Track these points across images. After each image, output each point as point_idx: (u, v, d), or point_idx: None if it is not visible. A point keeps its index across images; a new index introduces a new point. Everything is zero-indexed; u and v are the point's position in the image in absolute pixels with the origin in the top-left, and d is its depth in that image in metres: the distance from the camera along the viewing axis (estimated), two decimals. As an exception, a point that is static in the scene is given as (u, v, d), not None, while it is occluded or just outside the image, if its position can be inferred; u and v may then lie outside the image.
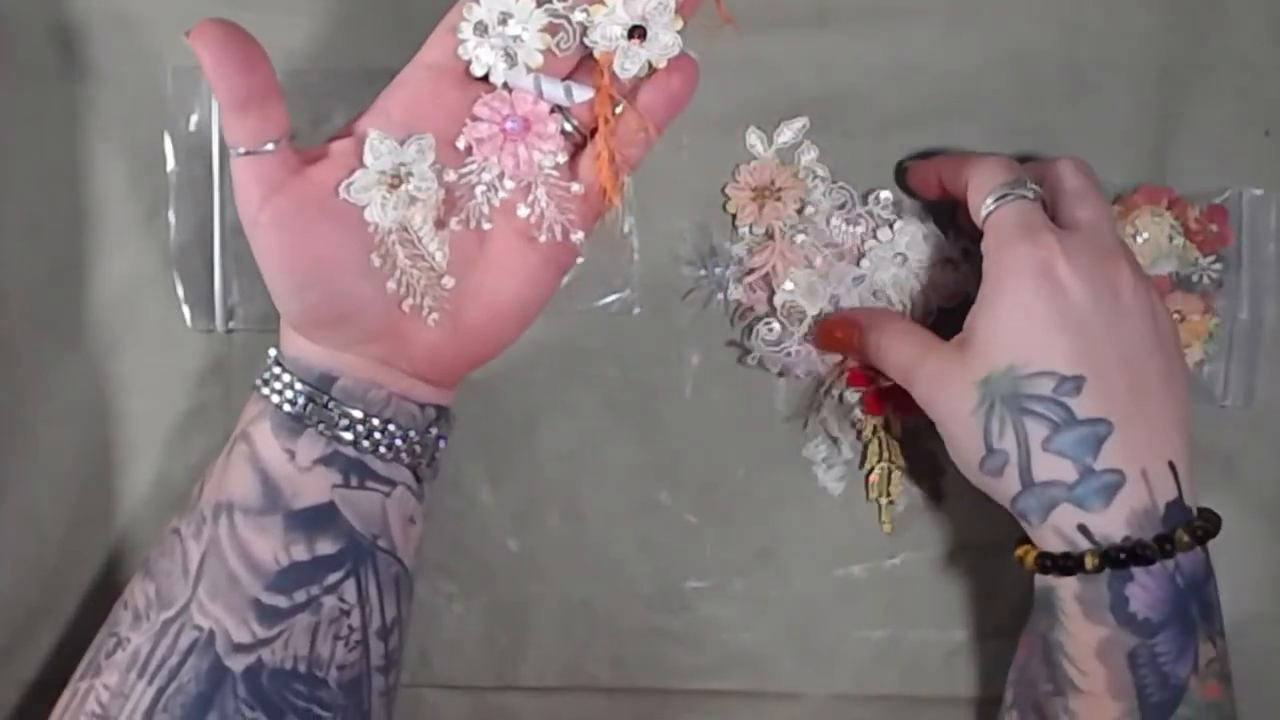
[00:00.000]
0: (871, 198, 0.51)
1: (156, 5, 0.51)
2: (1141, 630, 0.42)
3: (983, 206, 0.45)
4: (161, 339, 0.51)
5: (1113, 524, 0.42)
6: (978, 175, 0.46)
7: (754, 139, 0.52)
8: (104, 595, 0.50)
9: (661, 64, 0.41)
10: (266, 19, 0.51)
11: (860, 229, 0.51)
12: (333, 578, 0.41)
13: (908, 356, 0.46)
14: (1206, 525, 0.43)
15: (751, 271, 0.51)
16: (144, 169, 0.51)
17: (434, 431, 0.43)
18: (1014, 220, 0.44)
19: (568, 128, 0.42)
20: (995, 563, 0.52)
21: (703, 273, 0.52)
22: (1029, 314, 0.42)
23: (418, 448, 0.43)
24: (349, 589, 0.41)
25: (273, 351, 0.43)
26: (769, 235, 0.52)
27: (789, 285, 0.51)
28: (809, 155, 0.52)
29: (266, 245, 0.39)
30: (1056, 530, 0.43)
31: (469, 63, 0.40)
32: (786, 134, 0.52)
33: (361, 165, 0.40)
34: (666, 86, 0.41)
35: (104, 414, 0.51)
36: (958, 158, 0.49)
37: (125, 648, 0.41)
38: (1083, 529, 0.42)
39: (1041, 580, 0.44)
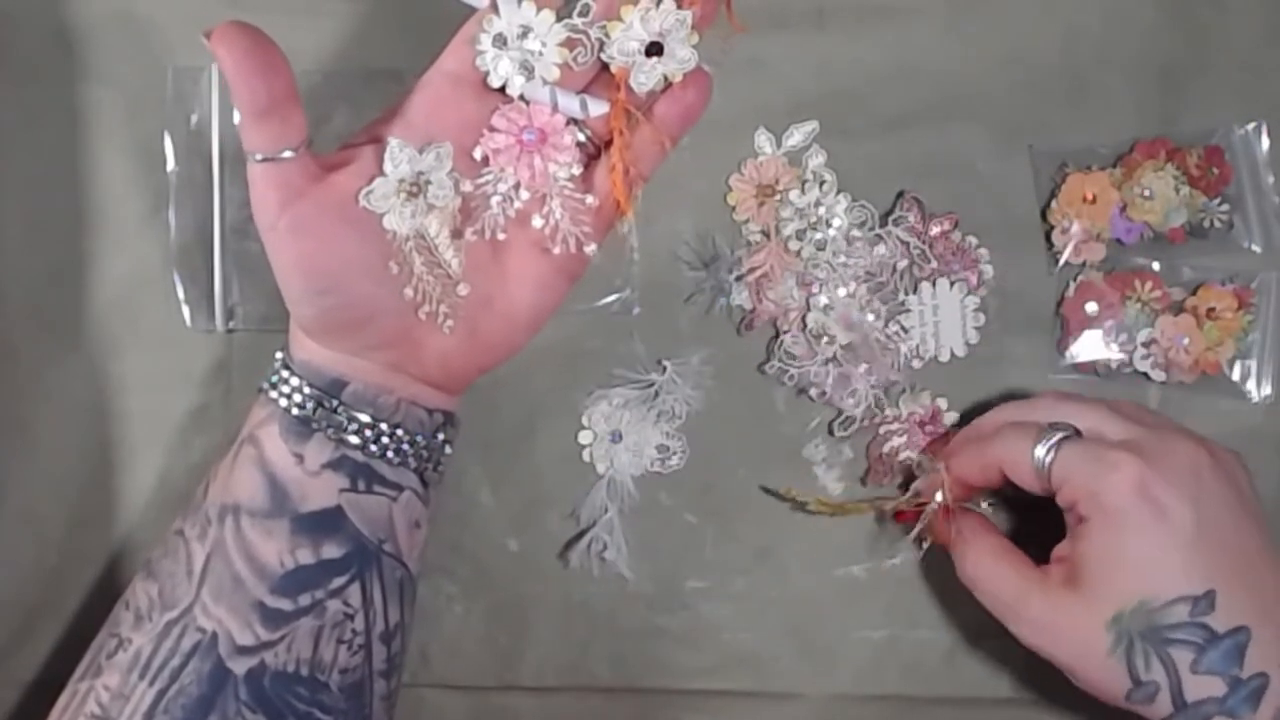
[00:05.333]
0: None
1: (157, 6, 0.51)
2: None
3: (1035, 465, 0.45)
4: (161, 339, 0.51)
5: None
6: (1005, 446, 0.46)
7: (763, 140, 0.52)
8: (104, 595, 0.50)
9: (677, 78, 0.41)
10: (267, 19, 0.50)
11: (883, 249, 0.51)
12: (338, 581, 0.41)
13: (1007, 594, 0.45)
14: None
15: (750, 271, 0.51)
16: (144, 169, 0.51)
17: (441, 436, 0.43)
18: (1081, 457, 0.44)
19: (582, 139, 0.42)
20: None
21: (704, 275, 0.52)
22: (1144, 544, 0.42)
23: (425, 452, 0.43)
24: (353, 593, 0.41)
25: (280, 354, 0.42)
26: (765, 235, 0.52)
27: (823, 301, 0.51)
28: (817, 159, 0.52)
29: (284, 251, 0.39)
30: None
31: (486, 73, 0.40)
32: (796, 136, 0.52)
33: (381, 173, 0.40)
34: (681, 100, 0.42)
35: (104, 414, 0.51)
36: (968, 455, 0.48)
37: (126, 648, 0.40)
38: None
39: None
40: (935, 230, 0.52)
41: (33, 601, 0.51)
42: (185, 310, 0.51)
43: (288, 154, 0.38)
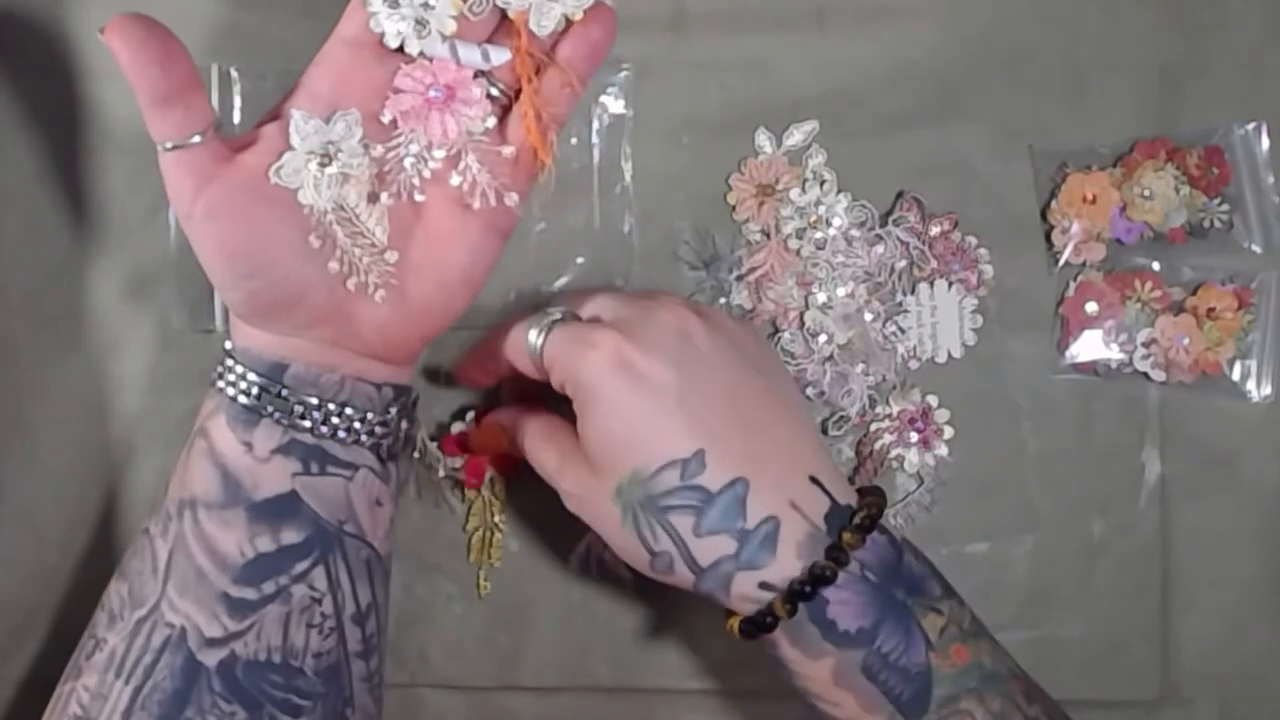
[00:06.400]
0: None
1: (157, 6, 0.51)
2: (860, 641, 0.40)
3: (531, 352, 0.43)
4: (161, 339, 0.51)
5: (787, 564, 0.40)
6: (508, 339, 0.44)
7: (763, 139, 0.52)
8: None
9: (578, 16, 0.40)
10: (266, 18, 0.51)
11: (882, 249, 0.51)
12: (300, 566, 0.41)
13: (550, 466, 0.44)
14: (869, 510, 0.41)
15: (751, 271, 0.51)
16: (144, 169, 0.51)
17: (394, 411, 0.43)
18: (564, 338, 0.42)
19: (494, 92, 0.41)
20: (993, 562, 0.52)
21: (704, 275, 0.52)
22: (626, 414, 0.40)
23: (378, 429, 0.42)
24: (318, 576, 0.41)
25: (228, 344, 0.42)
26: (765, 234, 0.52)
27: (821, 299, 0.51)
28: (817, 159, 0.51)
29: (203, 237, 0.39)
30: (744, 597, 0.41)
31: (382, 34, 0.40)
32: (796, 136, 0.52)
33: (289, 147, 0.39)
34: (586, 38, 0.41)
35: (104, 414, 0.51)
36: (480, 345, 0.48)
37: (103, 649, 0.41)
38: (764, 585, 0.40)
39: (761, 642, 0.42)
40: (935, 230, 0.52)
41: (31, 601, 0.51)
42: (185, 310, 0.51)
43: (195, 139, 0.38)
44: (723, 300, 0.52)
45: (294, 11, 0.50)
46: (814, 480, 0.41)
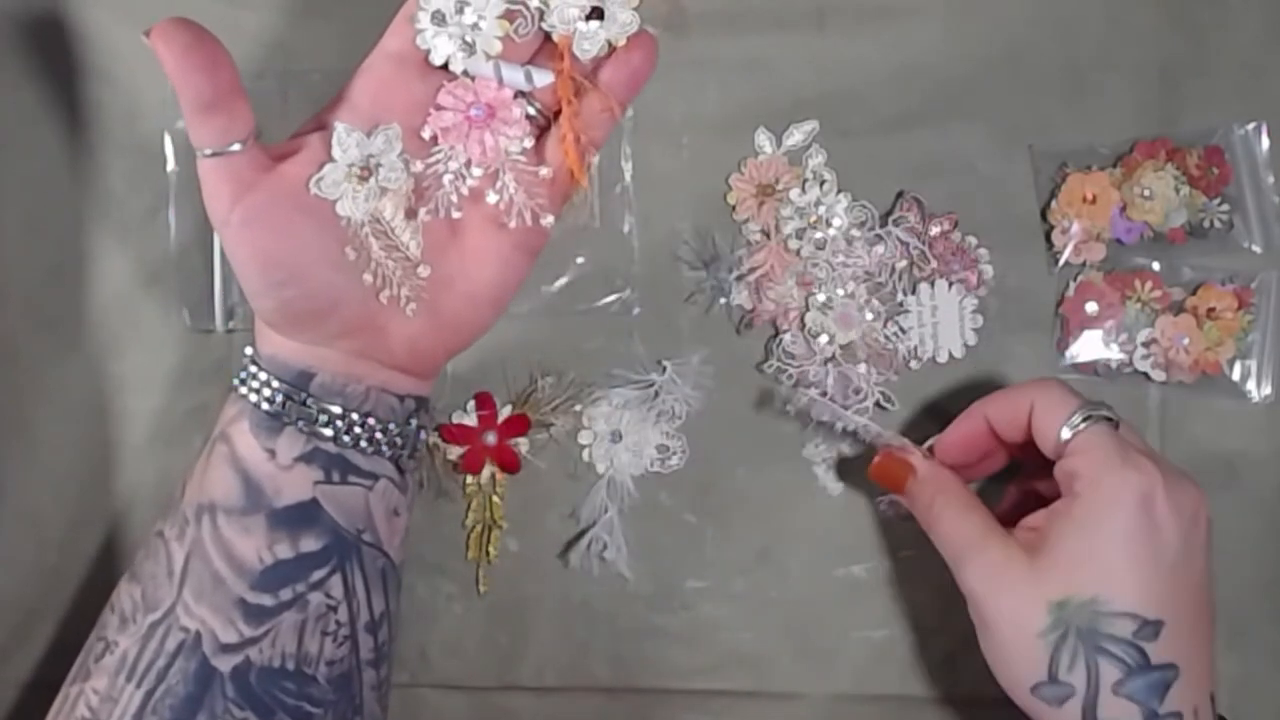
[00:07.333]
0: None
1: (158, 6, 0.51)
2: None
3: (1064, 430, 0.44)
4: (161, 339, 0.51)
5: None
6: (1046, 400, 0.45)
7: (763, 139, 0.52)
8: (103, 596, 0.50)
9: (621, 42, 0.41)
10: (266, 19, 0.51)
11: (882, 249, 0.51)
12: (318, 574, 0.41)
13: (964, 537, 0.45)
14: None
15: (751, 271, 0.51)
16: (144, 169, 0.51)
17: (414, 423, 0.43)
18: (1110, 443, 0.43)
19: (532, 112, 0.42)
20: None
21: (704, 275, 0.52)
22: (1126, 549, 0.41)
23: (398, 440, 0.43)
24: (335, 585, 0.41)
25: (249, 350, 0.42)
26: (765, 234, 0.52)
27: (822, 299, 0.51)
28: (817, 159, 0.51)
29: (239, 244, 0.39)
30: None
31: (428, 52, 0.40)
32: (796, 136, 0.52)
33: (330, 159, 0.40)
34: (627, 64, 0.41)
35: (104, 413, 0.51)
36: (1003, 394, 0.47)
37: (113, 651, 0.40)
38: None
39: None
40: (935, 230, 0.52)
41: (32, 602, 0.51)
42: (185, 310, 0.51)
43: (236, 147, 0.38)
44: (723, 300, 0.52)
45: (294, 11, 0.51)
46: (1211, 698, 0.42)
